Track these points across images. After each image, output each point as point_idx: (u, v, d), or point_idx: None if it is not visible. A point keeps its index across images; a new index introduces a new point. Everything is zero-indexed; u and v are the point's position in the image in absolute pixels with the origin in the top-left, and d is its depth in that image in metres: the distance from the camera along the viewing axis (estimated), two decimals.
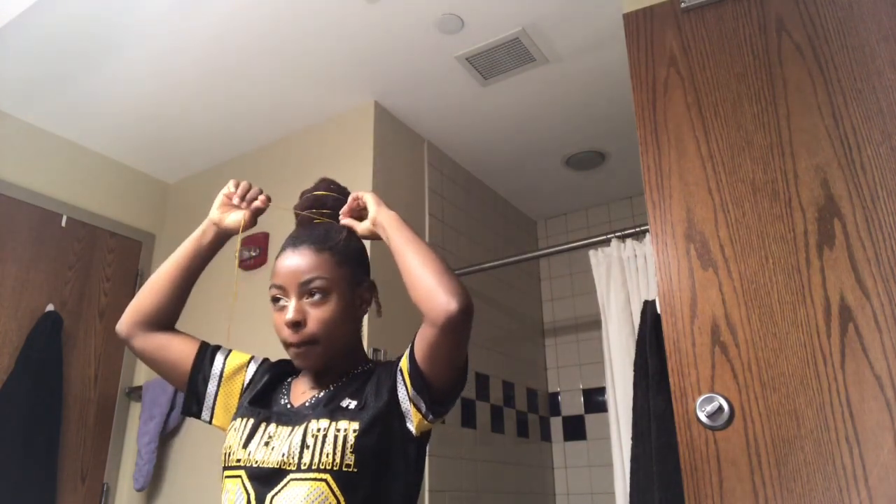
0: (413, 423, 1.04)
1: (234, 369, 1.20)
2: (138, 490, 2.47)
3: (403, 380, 1.05)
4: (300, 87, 2.45)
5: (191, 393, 1.19)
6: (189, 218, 2.94)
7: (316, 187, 1.24)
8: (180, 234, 3.02)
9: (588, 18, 2.14)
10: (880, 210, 1.22)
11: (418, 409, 1.03)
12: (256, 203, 1.20)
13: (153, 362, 1.21)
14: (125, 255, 2.81)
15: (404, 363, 1.05)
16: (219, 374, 1.19)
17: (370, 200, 1.19)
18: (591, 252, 2.33)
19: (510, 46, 2.24)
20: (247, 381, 1.19)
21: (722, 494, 1.21)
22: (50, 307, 2.46)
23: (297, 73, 2.37)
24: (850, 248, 1.23)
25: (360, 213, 1.21)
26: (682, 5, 1.54)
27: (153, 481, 2.51)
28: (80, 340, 2.57)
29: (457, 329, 0.98)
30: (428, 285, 1.00)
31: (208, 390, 1.18)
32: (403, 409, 1.04)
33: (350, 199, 1.22)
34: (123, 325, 1.22)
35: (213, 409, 1.18)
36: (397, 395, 1.05)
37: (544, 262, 3.52)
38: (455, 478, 2.46)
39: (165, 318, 1.22)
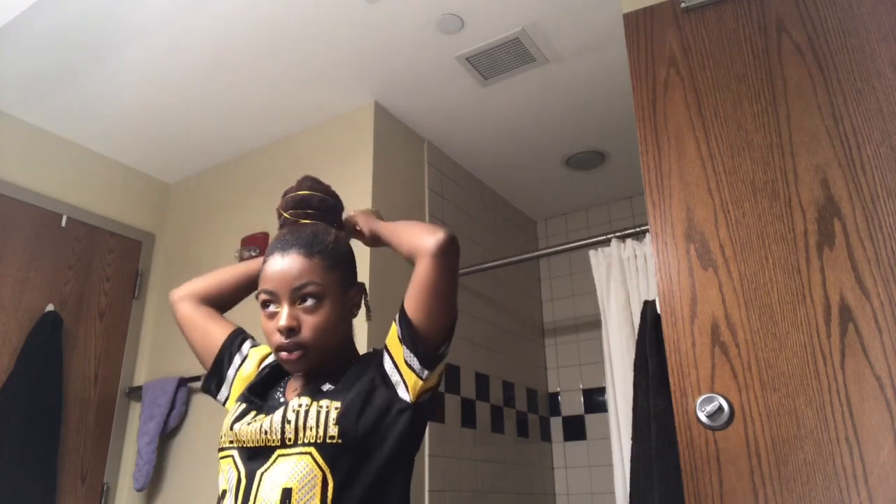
0: (408, 389, 1.05)
1: (255, 359, 1.24)
2: (138, 490, 2.47)
3: (389, 353, 1.08)
4: (300, 87, 2.45)
5: (214, 371, 1.24)
6: (189, 218, 2.95)
7: (299, 186, 1.23)
8: (180, 234, 3.06)
9: (588, 18, 2.14)
10: (880, 210, 1.22)
11: (412, 369, 1.05)
12: None
13: (191, 330, 1.28)
14: (125, 255, 2.81)
15: (390, 335, 1.09)
16: (241, 360, 1.23)
17: (360, 220, 1.28)
18: (591, 252, 2.33)
19: (510, 46, 2.24)
20: (258, 372, 1.23)
21: (722, 494, 1.21)
22: (50, 307, 2.46)
23: (297, 73, 2.37)
24: (850, 248, 1.23)
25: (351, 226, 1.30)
26: (682, 5, 1.54)
27: (153, 481, 2.51)
28: (80, 340, 2.57)
29: (446, 253, 1.04)
30: (415, 234, 1.09)
31: (228, 374, 1.23)
32: (394, 381, 1.06)
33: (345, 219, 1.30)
34: (179, 292, 1.31)
35: (229, 392, 1.23)
36: (384, 369, 1.07)
37: (544, 262, 3.52)
38: (455, 478, 2.46)
39: (217, 303, 1.31)
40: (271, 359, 1.24)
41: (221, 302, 1.31)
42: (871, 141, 1.27)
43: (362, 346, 2.05)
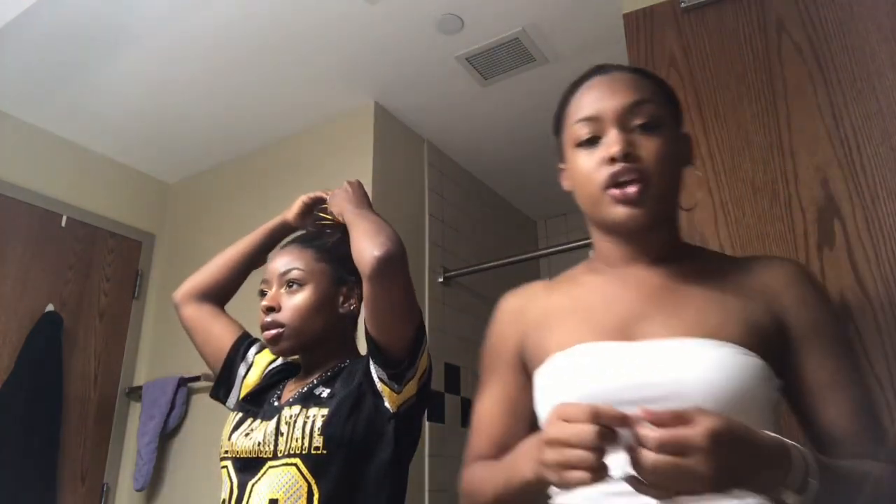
0: (388, 400, 1.05)
1: (260, 365, 1.26)
2: (138, 490, 2.47)
3: (374, 361, 1.07)
4: (300, 86, 2.45)
5: (222, 378, 1.26)
6: (189, 218, 2.95)
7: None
8: (180, 234, 3.04)
9: (588, 18, 2.14)
10: (880, 210, 1.22)
11: (384, 383, 1.05)
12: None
13: (195, 333, 1.28)
14: (125, 255, 2.81)
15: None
16: (247, 368, 1.25)
17: (336, 199, 1.22)
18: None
19: (510, 46, 2.24)
20: (261, 380, 1.24)
21: None
22: (50, 307, 2.46)
23: (298, 73, 2.37)
24: (850, 248, 1.23)
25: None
26: (682, 5, 1.54)
27: (153, 481, 2.50)
28: (80, 340, 2.57)
29: (383, 273, 0.99)
30: (359, 243, 1.03)
31: (235, 382, 1.25)
32: (378, 389, 1.06)
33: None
34: (180, 292, 1.31)
35: (238, 397, 1.24)
36: (372, 377, 1.06)
37: (544, 262, 3.51)
38: (455, 478, 2.46)
39: (218, 294, 1.31)
40: (276, 364, 1.25)
41: (222, 288, 1.32)
42: (871, 141, 1.27)
43: (362, 345, 2.04)
